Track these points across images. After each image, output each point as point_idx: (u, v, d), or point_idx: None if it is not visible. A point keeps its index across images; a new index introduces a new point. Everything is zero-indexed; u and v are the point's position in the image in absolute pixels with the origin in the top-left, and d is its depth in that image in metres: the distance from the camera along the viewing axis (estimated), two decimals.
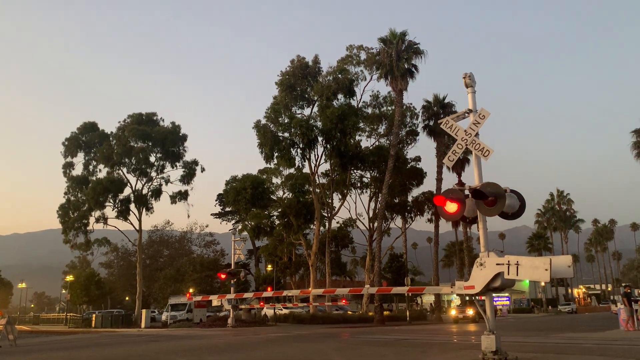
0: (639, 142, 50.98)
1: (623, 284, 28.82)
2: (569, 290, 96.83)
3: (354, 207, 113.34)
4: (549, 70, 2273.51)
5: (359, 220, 54.41)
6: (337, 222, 57.65)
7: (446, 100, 47.75)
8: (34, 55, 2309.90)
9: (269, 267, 66.12)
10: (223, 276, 31.63)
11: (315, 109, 45.37)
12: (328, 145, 44.28)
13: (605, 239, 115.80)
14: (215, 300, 32.09)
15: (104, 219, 49.51)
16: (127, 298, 78.95)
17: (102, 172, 50.52)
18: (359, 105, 47.55)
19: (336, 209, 51.78)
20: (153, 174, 50.98)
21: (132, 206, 50.30)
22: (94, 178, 49.90)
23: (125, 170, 50.34)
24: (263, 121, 44.56)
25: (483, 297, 10.09)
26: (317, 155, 46.14)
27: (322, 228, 49.56)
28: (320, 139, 43.93)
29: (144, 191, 50.76)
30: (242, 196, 49.48)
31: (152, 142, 49.84)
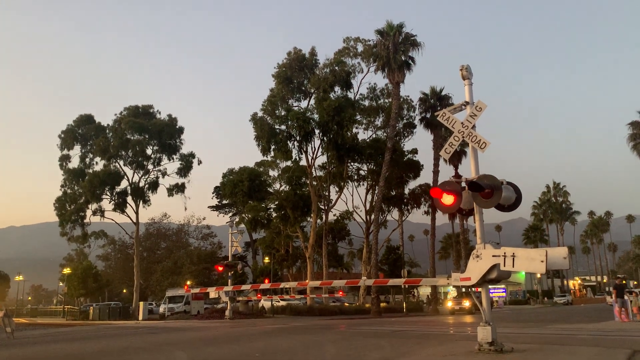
0: (636, 134, 51.04)
1: (618, 275, 29.04)
2: (565, 282, 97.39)
3: (351, 199, 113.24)
4: (546, 62, 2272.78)
5: (356, 212, 54.51)
6: (334, 215, 57.72)
7: (443, 93, 47.73)
8: (30, 47, 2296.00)
9: (266, 260, 66.19)
10: (220, 268, 31.72)
11: (312, 101, 45.22)
12: (325, 138, 44.18)
13: (601, 231, 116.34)
14: (212, 293, 32.16)
15: (100, 212, 49.47)
16: (124, 290, 79.12)
17: (99, 164, 50.48)
18: (356, 98, 47.44)
19: (333, 202, 51.86)
20: (150, 166, 50.93)
21: (129, 199, 50.29)
22: (91, 171, 49.79)
23: (121, 162, 50.31)
24: (260, 114, 44.45)
25: (479, 289, 10.16)
26: (314, 147, 46.08)
27: (319, 220, 49.61)
28: (317, 131, 43.82)
29: (141, 184, 50.72)
30: (239, 189, 49.42)
31: (148, 134, 49.71)
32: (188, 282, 52.55)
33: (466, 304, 43.94)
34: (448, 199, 10.09)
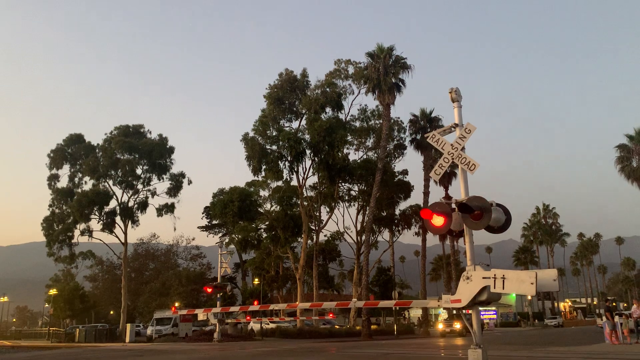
0: (623, 157, 51.59)
1: (608, 297, 29.14)
2: (555, 304, 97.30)
3: (342, 220, 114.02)
4: (537, 84, 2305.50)
5: (347, 233, 54.41)
6: (325, 235, 57.72)
7: (433, 115, 48.19)
8: (19, 65, 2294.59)
9: (256, 281, 65.65)
10: (209, 290, 31.36)
11: (304, 122, 45.43)
12: (316, 158, 44.30)
13: (591, 253, 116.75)
14: (201, 314, 31.78)
15: (89, 232, 48.92)
16: (111, 312, 77.79)
17: (88, 184, 50.08)
18: (347, 119, 47.75)
19: (324, 222, 51.78)
20: (139, 186, 50.61)
21: (118, 219, 49.82)
22: (80, 190, 49.40)
23: (111, 182, 49.96)
24: (251, 134, 44.53)
25: (470, 311, 10.09)
26: (305, 168, 46.15)
27: (309, 241, 49.41)
28: (308, 151, 43.94)
29: (130, 204, 50.32)
30: (230, 209, 49.19)
31: (138, 154, 49.52)
32: (176, 304, 51.91)
33: (457, 326, 43.72)
34: (438, 221, 10.08)
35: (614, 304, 23.72)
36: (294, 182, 47.97)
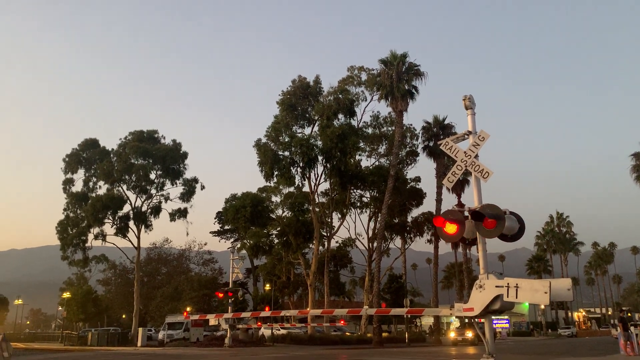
0: (638, 165, 51.06)
1: (623, 308, 28.72)
2: (569, 314, 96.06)
3: (354, 226, 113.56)
4: (551, 92, 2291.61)
5: (358, 240, 54.30)
6: (337, 242, 57.47)
7: (446, 122, 48.04)
8: (35, 70, 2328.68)
9: (267, 287, 65.69)
10: (221, 295, 31.47)
11: (316, 128, 45.55)
12: (328, 165, 44.34)
13: (605, 262, 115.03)
14: (212, 320, 31.84)
15: (102, 236, 49.33)
16: (124, 316, 78.34)
17: (102, 188, 50.56)
18: (360, 125, 47.80)
19: (335, 229, 51.67)
20: (153, 191, 50.99)
21: (131, 223, 50.20)
22: (94, 195, 49.87)
23: (125, 187, 50.40)
24: (264, 140, 44.73)
25: (482, 320, 10.04)
26: (317, 174, 46.19)
27: (321, 247, 49.35)
28: (320, 158, 43.98)
29: (144, 208, 50.71)
30: (242, 214, 49.27)
31: (152, 159, 49.93)
32: (188, 309, 52.09)
33: (469, 334, 43.39)
34: (451, 228, 10.06)
35: (628, 314, 23.41)
36: (306, 188, 48.03)
